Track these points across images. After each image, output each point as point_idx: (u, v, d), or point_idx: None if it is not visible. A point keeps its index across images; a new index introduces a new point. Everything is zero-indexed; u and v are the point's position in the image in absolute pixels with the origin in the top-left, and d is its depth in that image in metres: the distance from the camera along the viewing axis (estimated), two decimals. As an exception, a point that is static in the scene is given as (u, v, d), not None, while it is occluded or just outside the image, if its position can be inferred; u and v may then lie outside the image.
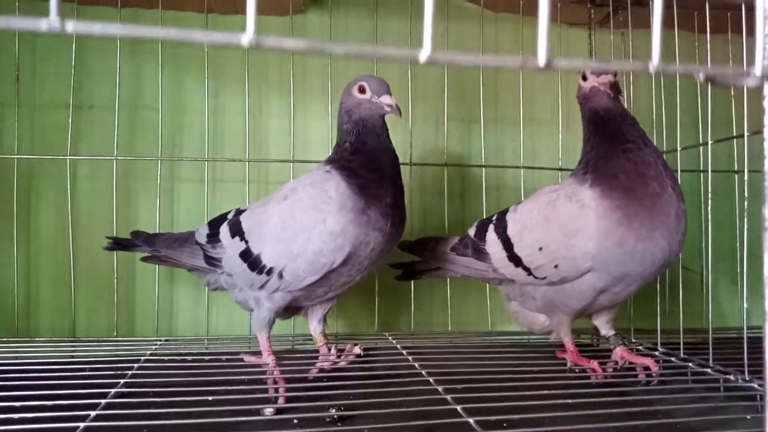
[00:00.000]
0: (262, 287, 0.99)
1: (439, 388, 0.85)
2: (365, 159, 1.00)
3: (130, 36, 0.33)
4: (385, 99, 1.00)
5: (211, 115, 1.29)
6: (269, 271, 0.98)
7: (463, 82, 1.36)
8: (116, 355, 1.08)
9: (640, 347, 1.15)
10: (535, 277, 1.00)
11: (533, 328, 1.08)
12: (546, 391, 0.87)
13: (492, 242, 1.07)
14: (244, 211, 1.06)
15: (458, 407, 0.77)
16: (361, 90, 1.02)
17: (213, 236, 1.05)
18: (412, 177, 1.35)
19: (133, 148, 1.28)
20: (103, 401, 0.79)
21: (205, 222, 1.09)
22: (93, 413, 0.74)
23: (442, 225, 1.33)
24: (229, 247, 1.02)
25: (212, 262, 1.05)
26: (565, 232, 0.96)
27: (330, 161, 1.02)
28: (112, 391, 0.85)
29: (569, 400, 0.83)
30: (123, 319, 1.26)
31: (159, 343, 1.18)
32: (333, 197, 0.96)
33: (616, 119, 0.98)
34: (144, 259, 1.16)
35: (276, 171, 1.33)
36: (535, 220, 1.00)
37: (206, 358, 1.04)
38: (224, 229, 1.04)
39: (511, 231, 1.04)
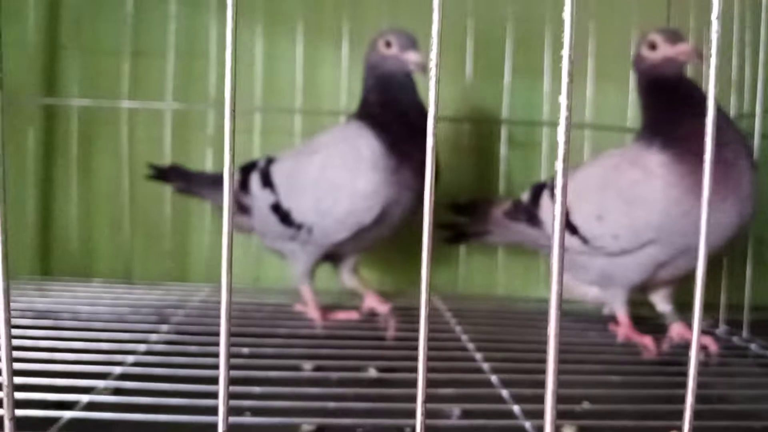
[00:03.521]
0: (292, 239, 1.00)
1: (477, 356, 0.83)
2: (395, 114, 0.96)
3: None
4: (411, 56, 0.96)
5: (264, 62, 1.27)
6: (299, 226, 0.98)
7: (529, 31, 1.28)
8: (165, 300, 1.11)
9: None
10: (592, 247, 0.95)
11: (585, 299, 1.04)
12: (591, 365, 0.83)
13: (546, 208, 1.02)
14: (274, 160, 1.05)
15: (493, 377, 0.75)
16: (387, 44, 0.98)
17: (244, 183, 1.05)
18: (461, 135, 1.30)
19: (188, 96, 1.28)
20: (144, 347, 0.82)
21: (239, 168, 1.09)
22: (131, 358, 0.77)
23: (487, 187, 1.29)
24: (260, 197, 1.02)
25: (243, 208, 1.05)
26: (627, 201, 0.90)
27: (359, 116, 0.99)
28: (154, 336, 0.87)
29: (614, 377, 0.79)
30: (175, 265, 1.29)
31: (207, 290, 1.20)
32: (365, 156, 0.94)
33: (685, 85, 0.92)
34: (176, 190, 1.18)
35: (327, 123, 1.31)
36: (595, 187, 0.95)
37: (249, 308, 1.05)
38: (255, 178, 1.04)
39: (569, 197, 0.98)
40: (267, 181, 1.03)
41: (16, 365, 0.53)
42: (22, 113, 1.24)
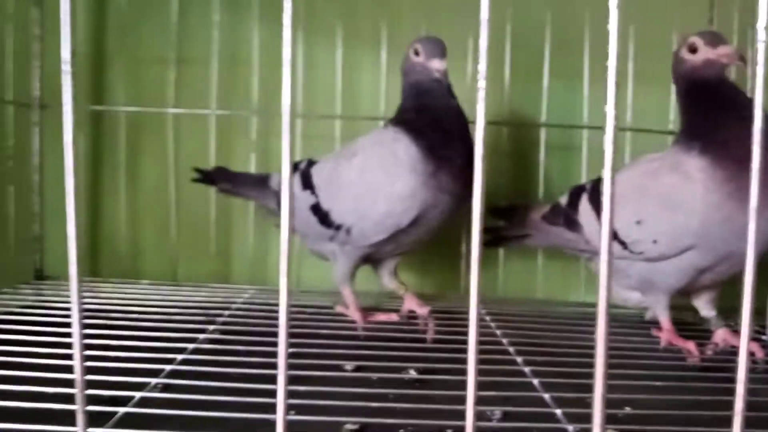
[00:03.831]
0: (331, 240, 1.01)
1: (518, 359, 0.83)
2: (430, 119, 0.98)
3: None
4: (434, 63, 0.97)
5: (304, 68, 1.30)
6: (338, 227, 1.00)
7: (567, 34, 1.28)
8: (211, 301, 1.14)
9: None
10: (631, 252, 0.94)
11: (627, 304, 1.03)
12: (633, 370, 0.82)
13: (585, 212, 1.01)
14: (315, 163, 1.07)
15: (535, 380, 0.75)
16: (416, 52, 0.99)
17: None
18: (499, 139, 1.30)
19: (230, 103, 1.31)
20: (192, 346, 0.84)
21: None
22: (180, 357, 0.79)
23: (525, 191, 1.29)
24: (300, 198, 1.04)
25: None
26: (667, 206, 0.89)
27: (397, 122, 1.00)
28: (201, 336, 0.89)
29: (658, 383, 0.78)
30: (219, 267, 1.32)
31: (251, 291, 1.23)
32: (403, 159, 0.96)
33: (726, 88, 0.91)
34: (220, 191, 1.21)
35: (366, 128, 1.32)
36: (634, 191, 0.93)
37: (293, 309, 1.07)
38: (296, 179, 1.06)
39: None
40: (307, 183, 1.06)
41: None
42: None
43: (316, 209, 1.04)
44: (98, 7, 1.32)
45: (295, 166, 1.10)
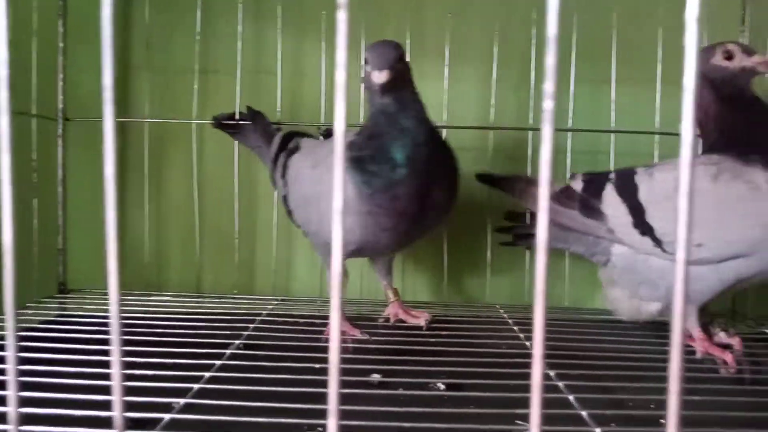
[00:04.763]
0: (305, 235, 1.05)
1: (551, 373, 0.81)
2: (378, 145, 0.88)
3: None
4: (374, 76, 0.83)
5: (328, 79, 1.29)
6: (300, 227, 1.02)
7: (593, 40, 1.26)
8: (236, 313, 1.14)
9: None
10: (663, 251, 0.92)
11: (639, 317, 1.00)
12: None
13: (612, 203, 0.98)
14: (296, 150, 1.08)
15: (571, 397, 0.73)
16: (366, 61, 0.88)
17: (279, 153, 1.10)
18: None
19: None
20: (218, 362, 0.83)
21: (283, 134, 1.14)
22: (207, 374, 0.78)
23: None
24: (279, 183, 1.07)
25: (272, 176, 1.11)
26: (726, 211, 0.87)
27: (349, 145, 0.89)
28: (228, 352, 0.88)
29: (696, 397, 0.76)
30: (243, 277, 1.32)
31: (275, 302, 1.22)
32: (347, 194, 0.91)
33: (757, 97, 0.93)
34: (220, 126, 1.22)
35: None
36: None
37: (317, 321, 1.06)
38: (280, 160, 1.09)
39: (645, 197, 0.95)
40: (284, 171, 1.06)
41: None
42: (96, 132, 1.29)
43: (285, 202, 1.06)
44: (123, 19, 1.32)
45: (286, 140, 1.10)
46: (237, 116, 1.21)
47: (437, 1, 1.29)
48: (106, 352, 0.82)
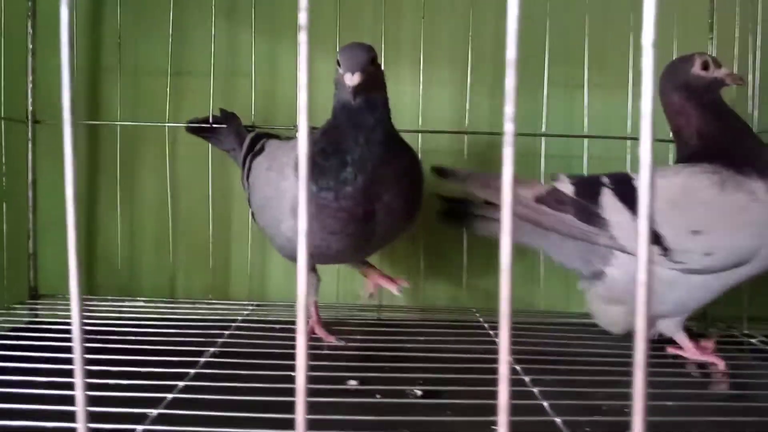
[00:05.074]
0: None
1: (526, 378, 0.82)
2: (334, 145, 0.87)
3: None
4: (347, 78, 0.82)
5: (314, 83, 1.28)
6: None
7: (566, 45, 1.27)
8: (211, 318, 1.12)
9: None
10: (670, 260, 0.90)
11: (619, 329, 0.98)
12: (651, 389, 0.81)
13: (613, 209, 0.94)
14: (263, 151, 1.06)
15: (545, 403, 0.74)
16: (338, 62, 0.86)
17: (246, 155, 1.09)
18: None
19: (228, 115, 1.29)
20: (192, 371, 0.82)
21: (252, 135, 1.13)
22: (181, 384, 0.77)
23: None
24: (245, 184, 1.09)
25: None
26: (734, 221, 0.88)
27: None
28: (202, 360, 0.87)
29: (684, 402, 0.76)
30: (218, 282, 1.30)
31: (251, 307, 1.21)
32: (286, 198, 0.92)
33: (729, 107, 0.96)
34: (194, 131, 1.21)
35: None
36: (689, 200, 0.91)
37: (293, 327, 1.05)
38: (248, 163, 1.08)
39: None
40: (248, 173, 1.07)
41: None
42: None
43: (249, 204, 1.08)
44: (94, 21, 1.30)
45: (254, 142, 1.10)
46: (210, 119, 1.19)
47: (411, 6, 1.29)
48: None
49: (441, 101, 1.31)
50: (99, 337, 0.95)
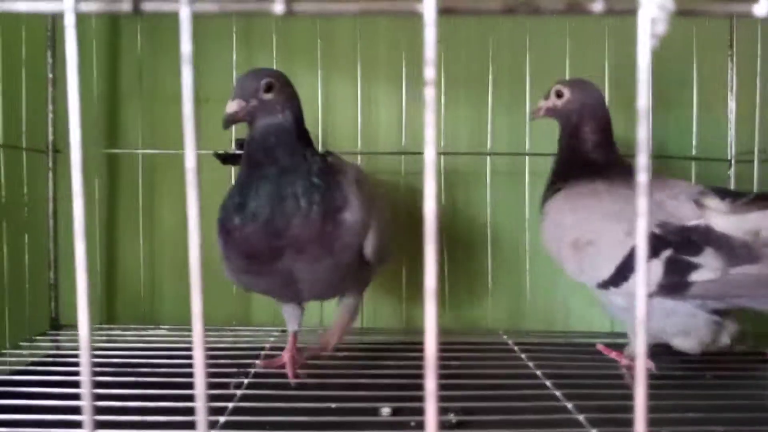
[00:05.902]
0: None
1: (557, 393, 0.81)
2: (244, 178, 0.85)
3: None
4: (228, 105, 0.82)
5: (322, 104, 1.28)
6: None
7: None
8: (238, 347, 1.11)
9: None
10: None
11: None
12: (684, 401, 0.80)
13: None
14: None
15: (581, 417, 0.73)
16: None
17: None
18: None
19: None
20: (230, 405, 0.80)
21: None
22: (222, 419, 0.76)
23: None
24: None
25: None
26: None
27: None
28: (239, 393, 0.86)
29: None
30: (241, 308, 1.29)
31: (276, 333, 1.20)
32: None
33: None
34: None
35: (387, 163, 1.31)
36: None
37: (322, 354, 1.04)
38: None
39: None
40: None
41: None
42: (87, 163, 1.26)
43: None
44: (112, 49, 1.30)
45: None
46: (233, 145, 1.19)
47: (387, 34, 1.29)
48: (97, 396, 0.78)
49: (459, 122, 1.31)
50: (121, 369, 0.94)
